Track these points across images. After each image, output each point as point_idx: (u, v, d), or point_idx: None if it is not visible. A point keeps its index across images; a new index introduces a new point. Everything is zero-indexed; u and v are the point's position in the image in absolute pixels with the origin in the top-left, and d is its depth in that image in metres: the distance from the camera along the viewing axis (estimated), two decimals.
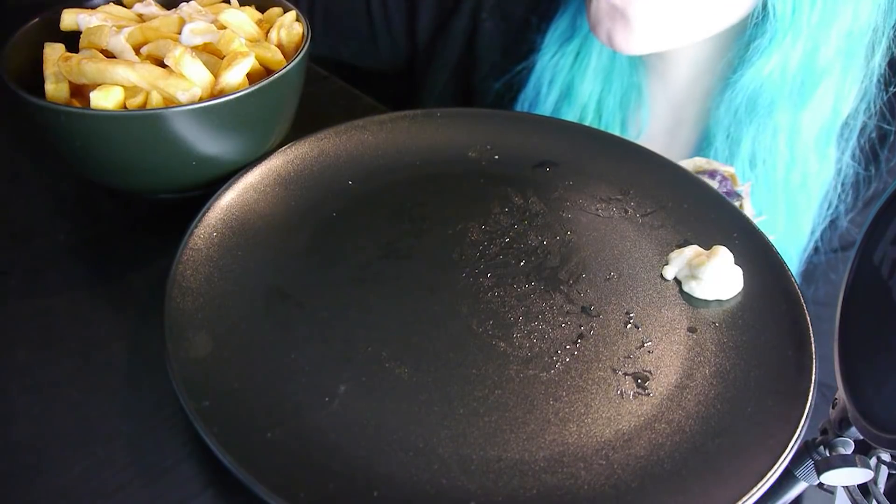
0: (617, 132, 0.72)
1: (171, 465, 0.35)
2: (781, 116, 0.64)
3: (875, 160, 0.66)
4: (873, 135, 0.65)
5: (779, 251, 0.44)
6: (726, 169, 0.59)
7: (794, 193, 0.67)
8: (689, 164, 0.59)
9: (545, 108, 0.74)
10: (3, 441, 0.35)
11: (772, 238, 0.46)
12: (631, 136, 0.71)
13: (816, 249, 0.70)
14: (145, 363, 0.39)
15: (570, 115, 0.73)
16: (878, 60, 0.61)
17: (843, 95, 0.63)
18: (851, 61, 0.61)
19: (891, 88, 0.63)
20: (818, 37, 0.60)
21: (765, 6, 0.59)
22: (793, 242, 0.69)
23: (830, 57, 0.61)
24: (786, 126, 0.64)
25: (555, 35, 0.73)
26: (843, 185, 0.67)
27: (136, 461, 0.35)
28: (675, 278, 0.43)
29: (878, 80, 0.62)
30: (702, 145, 0.71)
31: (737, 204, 0.55)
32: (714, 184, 0.55)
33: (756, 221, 0.52)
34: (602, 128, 0.70)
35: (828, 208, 0.68)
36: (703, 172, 0.57)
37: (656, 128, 0.74)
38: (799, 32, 0.59)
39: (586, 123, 0.71)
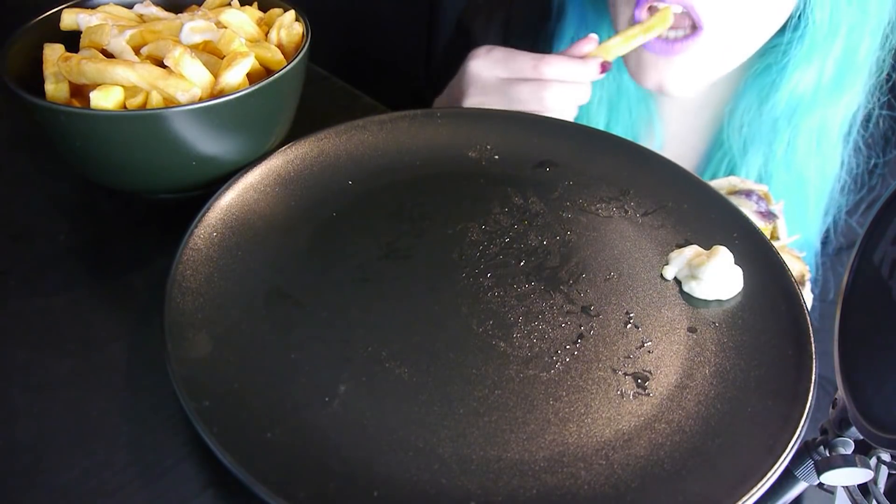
0: None
1: (171, 465, 0.35)
2: (813, 117, 0.64)
3: (883, 150, 0.67)
4: (882, 124, 0.66)
5: (800, 250, 0.44)
6: (760, 188, 0.58)
7: (819, 191, 0.67)
8: (723, 182, 0.59)
9: None
10: (3, 441, 0.35)
11: (797, 237, 0.46)
12: None
13: (825, 246, 0.71)
14: (145, 363, 0.39)
15: None
16: (889, 49, 0.61)
17: (868, 88, 0.63)
18: (877, 54, 0.62)
19: None
20: (855, 36, 0.60)
21: (800, 16, 0.58)
22: (812, 235, 0.70)
23: (866, 53, 0.61)
24: (816, 126, 0.64)
25: None
26: (848, 177, 0.68)
27: (136, 461, 0.35)
28: (675, 278, 0.43)
29: (890, 69, 0.63)
30: (713, 150, 0.71)
31: (771, 225, 0.54)
32: (751, 204, 0.55)
33: (791, 240, 0.52)
34: None
35: (835, 200, 0.68)
36: (739, 193, 0.57)
37: (667, 138, 0.74)
38: (836, 35, 0.59)
39: None
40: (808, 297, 0.64)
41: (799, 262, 0.56)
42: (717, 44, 0.58)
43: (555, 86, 0.57)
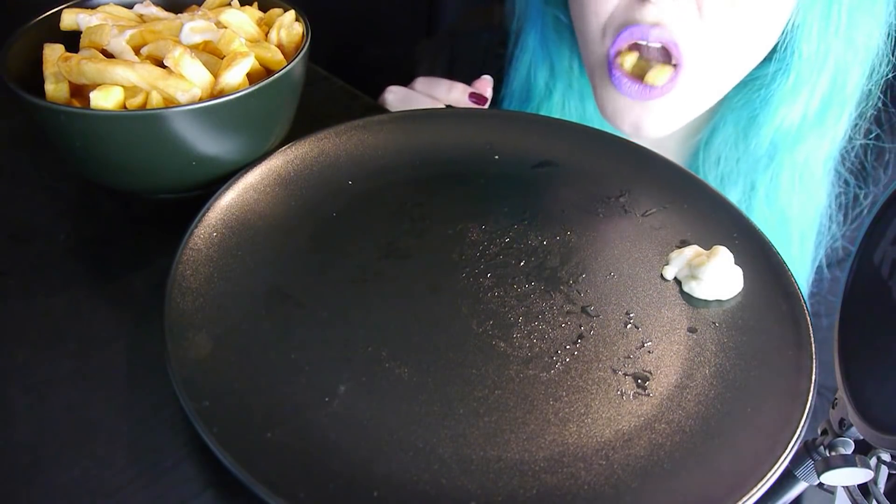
0: None
1: (171, 465, 0.35)
2: (798, 153, 0.61)
3: (864, 179, 0.65)
4: (868, 153, 0.64)
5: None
6: None
7: (803, 227, 0.65)
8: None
9: None
10: (3, 441, 0.35)
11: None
12: None
13: (819, 275, 0.69)
14: (145, 363, 0.39)
15: None
16: (876, 81, 0.59)
17: (853, 120, 0.61)
18: (863, 87, 0.59)
19: (890, 107, 0.62)
20: (842, 69, 0.57)
21: (785, 48, 0.56)
22: (801, 272, 0.67)
23: (853, 87, 0.58)
24: (801, 161, 0.62)
25: (511, 102, 0.71)
26: (836, 209, 0.65)
27: (136, 461, 0.35)
28: (675, 278, 0.43)
29: (876, 100, 0.60)
30: None
31: None
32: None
33: None
34: None
35: (825, 232, 0.66)
36: None
37: None
38: (823, 68, 0.57)
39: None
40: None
41: None
42: (697, 82, 0.56)
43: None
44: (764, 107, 0.60)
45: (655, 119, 0.57)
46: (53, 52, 0.44)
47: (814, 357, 0.37)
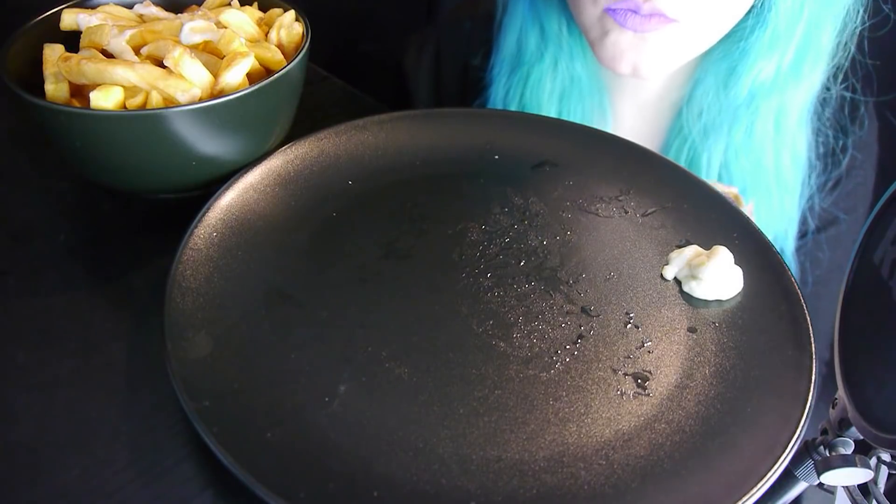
0: None
1: (171, 465, 0.35)
2: (772, 102, 0.65)
3: (843, 129, 0.68)
4: (839, 103, 0.67)
5: (776, 246, 0.44)
6: (730, 190, 0.59)
7: (783, 177, 0.68)
8: None
9: None
10: (3, 441, 0.35)
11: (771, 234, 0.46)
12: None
13: (803, 234, 0.72)
14: (145, 363, 0.39)
15: None
16: (850, 33, 0.62)
17: (827, 72, 0.65)
18: (837, 39, 0.63)
19: (862, 59, 0.65)
20: (817, 22, 0.60)
21: (763, 4, 0.59)
22: (788, 227, 0.71)
23: (827, 39, 0.62)
24: (774, 110, 0.65)
25: (501, 69, 0.73)
26: (816, 160, 0.69)
27: (136, 461, 0.35)
28: (675, 278, 0.43)
29: (849, 53, 0.64)
30: (672, 139, 0.72)
31: None
32: None
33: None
34: None
35: (806, 182, 0.69)
36: None
37: (623, 130, 0.74)
38: (798, 21, 0.60)
39: None
40: None
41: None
42: (690, 30, 0.59)
43: None
44: (742, 59, 0.63)
45: (651, 59, 0.60)
46: (53, 52, 0.44)
47: (814, 357, 0.37)
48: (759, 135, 0.66)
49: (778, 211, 0.69)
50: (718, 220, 0.46)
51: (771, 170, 0.67)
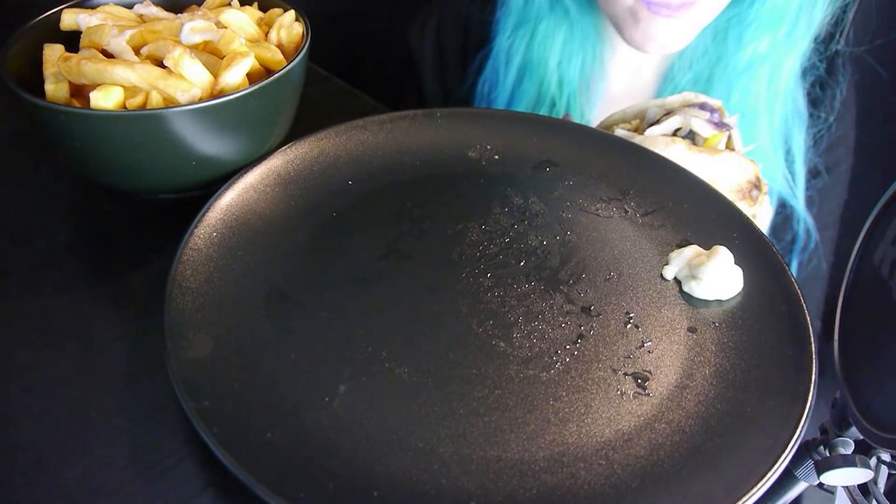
0: (577, 94, 0.76)
1: (171, 465, 0.35)
2: (765, 67, 0.70)
3: (822, 86, 0.74)
4: (820, 72, 0.73)
5: (788, 205, 0.47)
6: (714, 102, 0.60)
7: (775, 130, 0.73)
8: (678, 98, 0.61)
9: (505, 86, 0.78)
10: (3, 441, 0.35)
11: (753, 146, 0.48)
12: (593, 87, 0.76)
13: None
14: (145, 363, 0.39)
15: (531, 90, 0.77)
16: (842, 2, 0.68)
17: (820, 29, 0.70)
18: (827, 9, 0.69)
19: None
20: None
21: None
22: (778, 177, 0.74)
23: (819, 7, 0.68)
24: (769, 63, 0.70)
25: (506, 24, 0.77)
26: (804, 109, 0.74)
27: (136, 461, 0.35)
28: (675, 278, 0.43)
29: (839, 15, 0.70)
30: (664, 85, 0.76)
31: (726, 134, 0.56)
32: (704, 114, 0.57)
33: (746, 150, 0.54)
34: (563, 92, 0.76)
35: (792, 136, 0.74)
36: (693, 105, 0.59)
37: (617, 75, 0.78)
38: None
39: (547, 94, 0.76)
40: (767, 210, 0.68)
41: (752, 163, 0.57)
42: (709, 6, 0.65)
43: None
44: (736, 23, 0.69)
45: (678, 38, 0.67)
46: (53, 52, 0.44)
47: (814, 357, 0.37)
48: (752, 93, 0.71)
49: (774, 162, 0.73)
50: (718, 220, 0.46)
51: (765, 129, 0.72)
